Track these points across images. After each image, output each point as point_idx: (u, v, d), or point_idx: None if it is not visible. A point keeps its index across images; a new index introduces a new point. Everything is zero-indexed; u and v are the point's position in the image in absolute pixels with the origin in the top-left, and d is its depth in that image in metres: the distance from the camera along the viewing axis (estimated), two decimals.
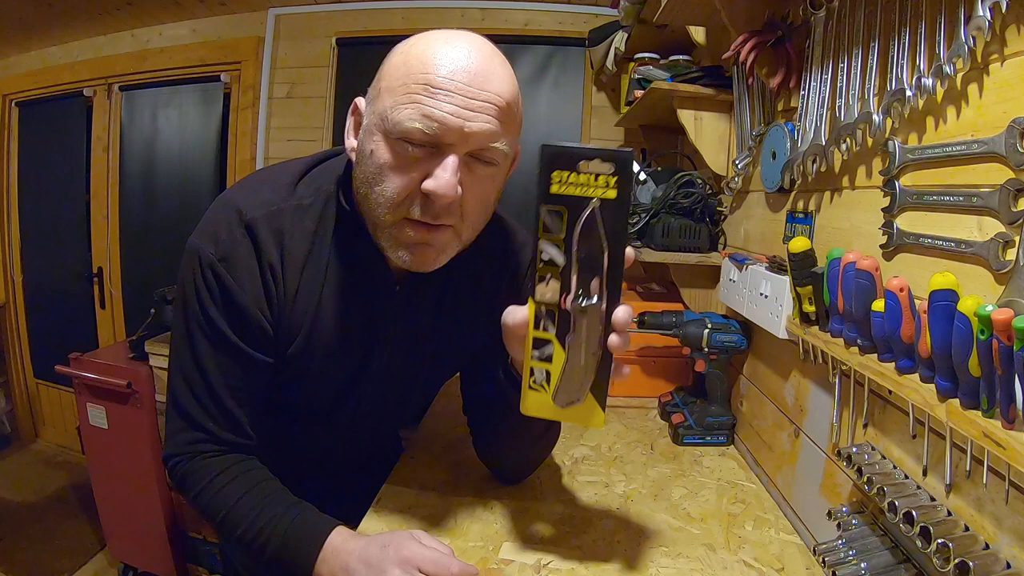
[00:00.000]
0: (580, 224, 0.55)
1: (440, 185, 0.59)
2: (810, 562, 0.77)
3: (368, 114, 0.64)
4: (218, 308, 0.68)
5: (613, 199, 0.54)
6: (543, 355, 0.60)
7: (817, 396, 0.89)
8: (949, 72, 0.60)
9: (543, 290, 0.58)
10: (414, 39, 0.62)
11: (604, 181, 0.54)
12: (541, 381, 0.61)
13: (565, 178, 0.55)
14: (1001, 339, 0.46)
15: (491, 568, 0.73)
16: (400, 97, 0.59)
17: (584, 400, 0.61)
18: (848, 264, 0.68)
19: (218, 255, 0.67)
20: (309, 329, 0.72)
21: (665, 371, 1.41)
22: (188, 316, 0.69)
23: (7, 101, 2.90)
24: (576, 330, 0.58)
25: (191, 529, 1.98)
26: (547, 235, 0.56)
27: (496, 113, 0.60)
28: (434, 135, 0.58)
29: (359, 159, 0.65)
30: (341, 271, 0.72)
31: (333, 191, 0.72)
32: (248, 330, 0.69)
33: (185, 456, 0.71)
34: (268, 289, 0.69)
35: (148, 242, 2.73)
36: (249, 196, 0.69)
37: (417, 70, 0.59)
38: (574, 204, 0.55)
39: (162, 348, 1.87)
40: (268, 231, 0.68)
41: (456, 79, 0.58)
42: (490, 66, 0.60)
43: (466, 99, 0.58)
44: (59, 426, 3.01)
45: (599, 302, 0.57)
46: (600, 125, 2.32)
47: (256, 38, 2.48)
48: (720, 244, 1.31)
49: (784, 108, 1.05)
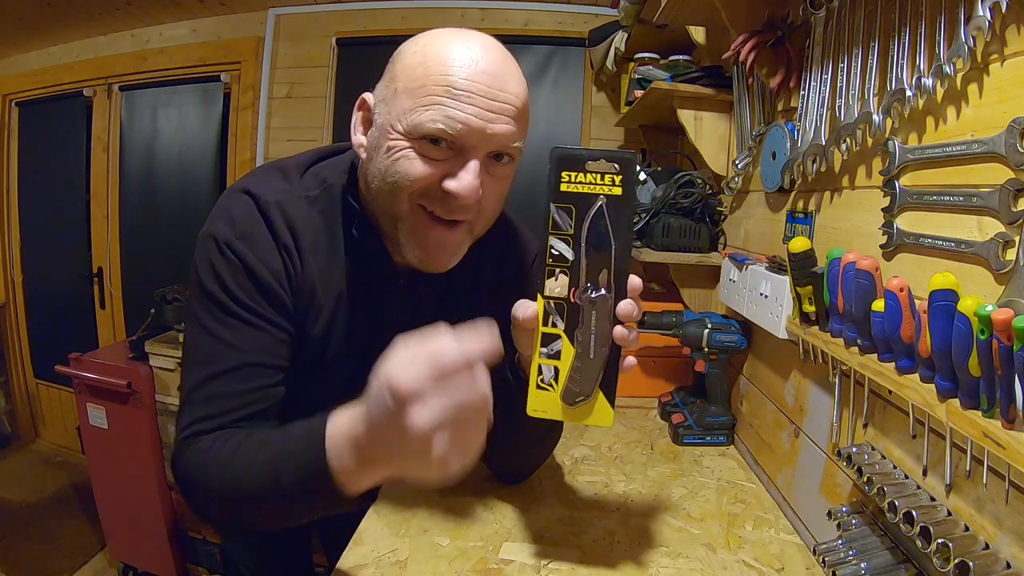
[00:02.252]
0: (588, 219, 0.58)
1: (463, 187, 0.61)
2: (810, 562, 0.77)
3: (383, 113, 0.64)
4: (240, 282, 0.66)
5: (619, 196, 0.58)
6: (551, 351, 0.61)
7: (817, 396, 0.89)
8: (949, 72, 0.60)
9: (552, 285, 0.60)
10: (427, 38, 0.63)
11: (610, 180, 0.58)
12: (549, 380, 0.62)
13: (573, 178, 0.59)
14: (1001, 339, 0.46)
15: (491, 568, 0.73)
16: (421, 99, 0.59)
17: (593, 396, 0.61)
18: (848, 264, 0.68)
19: (236, 233, 0.66)
20: (326, 314, 0.72)
21: (665, 371, 1.41)
22: (206, 299, 0.65)
23: (7, 101, 2.90)
24: (585, 322, 0.60)
25: (191, 529, 1.98)
26: (556, 231, 0.60)
27: (514, 114, 0.62)
28: (457, 137, 0.60)
29: (373, 154, 0.65)
30: (346, 264, 0.73)
31: (338, 186, 0.72)
32: (271, 302, 0.67)
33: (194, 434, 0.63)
34: (287, 268, 0.69)
35: (148, 242, 2.72)
36: (259, 183, 0.70)
37: (436, 72, 0.59)
38: (582, 201, 0.59)
39: (162, 348, 1.88)
40: (280, 215, 0.68)
41: (477, 81, 0.59)
42: (506, 67, 0.62)
43: (487, 101, 0.60)
44: (59, 426, 3.01)
45: (608, 294, 0.59)
46: (600, 125, 2.32)
47: (256, 38, 2.48)
48: (720, 244, 1.31)
49: (784, 108, 1.05)
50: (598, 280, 0.59)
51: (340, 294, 0.73)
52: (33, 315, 3.02)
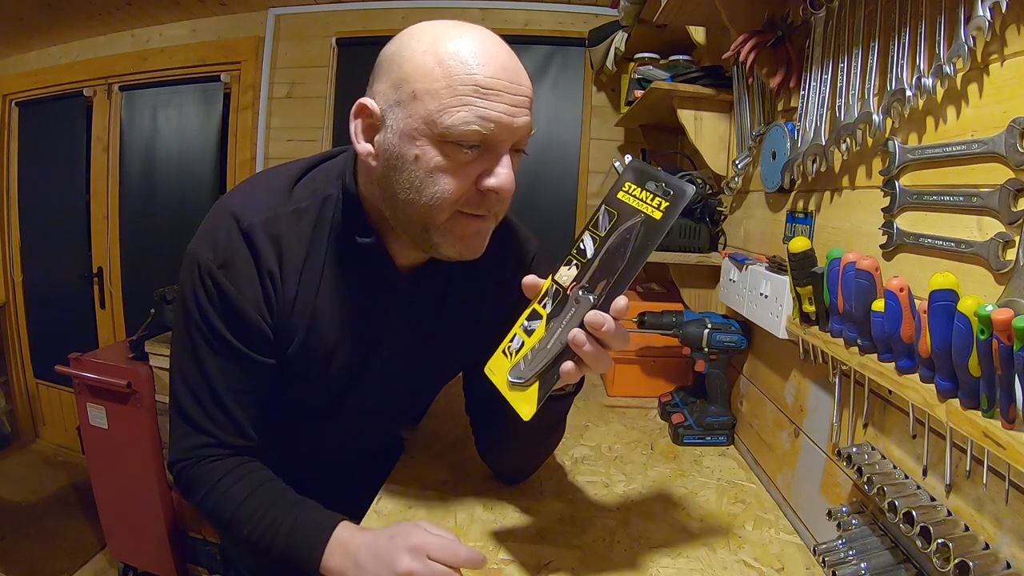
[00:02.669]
0: (621, 230, 0.60)
1: (503, 182, 0.62)
2: (810, 562, 0.77)
3: (400, 118, 0.61)
4: (218, 314, 0.68)
5: (656, 220, 0.59)
6: (529, 327, 0.64)
7: (817, 396, 0.89)
8: (949, 72, 0.60)
9: (563, 272, 0.63)
10: (431, 35, 0.62)
11: (657, 202, 0.59)
12: (513, 349, 0.64)
13: (631, 189, 0.61)
14: (1001, 339, 0.46)
15: (491, 568, 0.73)
16: (448, 100, 0.58)
17: (528, 383, 0.62)
18: (848, 264, 0.68)
19: (217, 262, 0.67)
20: (306, 331, 0.72)
21: (665, 371, 1.41)
22: (189, 321, 0.69)
23: (7, 101, 2.90)
24: (562, 316, 0.61)
25: (191, 529, 1.98)
26: (593, 229, 0.62)
27: (529, 105, 0.63)
28: (491, 135, 0.60)
29: (396, 164, 0.63)
30: (340, 271, 0.72)
31: (331, 192, 0.72)
32: (249, 334, 0.69)
33: (190, 461, 0.71)
34: (267, 294, 0.69)
35: (148, 242, 2.73)
36: (247, 202, 0.69)
37: (459, 71, 0.58)
38: (626, 212, 0.61)
39: (162, 348, 1.87)
40: (266, 237, 0.68)
41: (500, 78, 0.60)
42: (516, 59, 0.63)
43: (511, 96, 0.60)
44: (59, 426, 3.01)
45: (595, 301, 0.60)
46: (600, 125, 2.32)
47: (256, 38, 2.48)
48: (720, 244, 1.31)
49: (784, 108, 1.05)
50: (596, 285, 0.60)
51: (334, 302, 0.73)
52: (33, 315, 3.02)
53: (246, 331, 0.69)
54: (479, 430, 0.91)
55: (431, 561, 0.63)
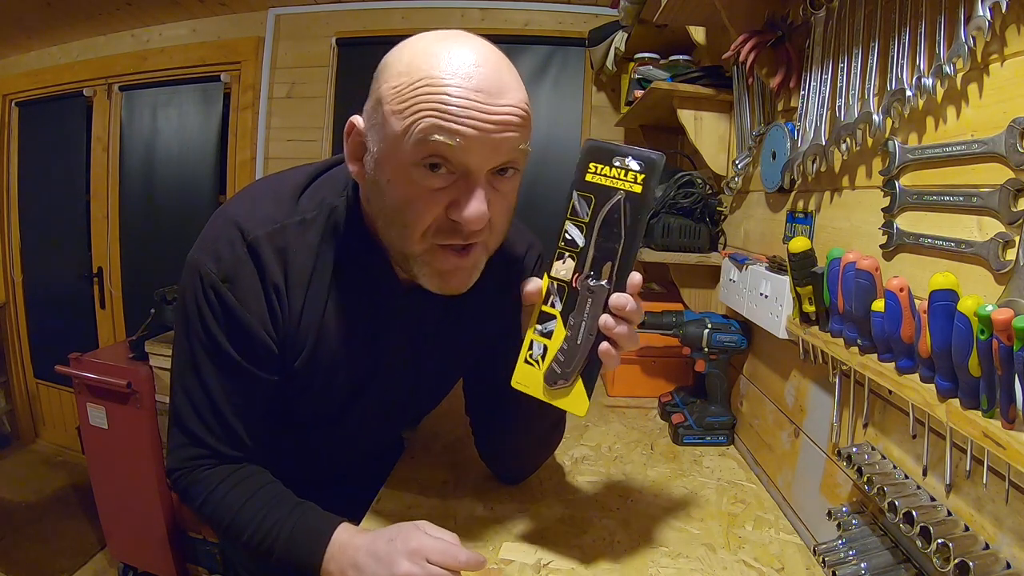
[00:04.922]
0: (605, 211, 0.60)
1: (471, 215, 0.58)
2: (810, 562, 0.77)
3: (375, 141, 0.60)
4: (221, 328, 0.67)
5: (638, 194, 0.59)
6: (545, 330, 0.63)
7: (817, 396, 0.89)
8: (949, 72, 0.60)
9: (559, 267, 0.62)
10: (411, 52, 0.58)
11: (632, 176, 0.59)
12: (537, 356, 0.63)
13: (598, 169, 0.61)
14: (1001, 339, 0.46)
15: (491, 568, 0.73)
16: (410, 119, 0.55)
17: (572, 382, 0.62)
18: (848, 264, 0.68)
19: (220, 275, 0.65)
20: (314, 343, 0.71)
21: (665, 371, 1.41)
22: (190, 333, 0.68)
23: (7, 101, 2.90)
24: (580, 308, 0.61)
25: (191, 529, 1.98)
26: (573, 217, 0.61)
27: (518, 124, 0.58)
28: (460, 152, 0.56)
29: (373, 189, 0.63)
30: (347, 282, 0.72)
31: (337, 203, 0.71)
32: (252, 349, 0.68)
33: (187, 469, 0.71)
34: (272, 309, 0.68)
35: (148, 242, 2.72)
36: (251, 212, 0.68)
37: (424, 92, 0.55)
38: (602, 193, 0.60)
39: (162, 348, 1.87)
40: (271, 250, 0.66)
41: (471, 99, 0.55)
42: (499, 77, 0.57)
43: (485, 116, 0.56)
44: (59, 426, 3.01)
45: (608, 285, 0.60)
46: (600, 125, 2.32)
47: (256, 38, 2.48)
48: (720, 244, 1.31)
49: (784, 108, 1.05)
50: (601, 270, 0.60)
51: (340, 313, 0.72)
52: (33, 315, 3.02)
53: (249, 346, 0.68)
54: (479, 430, 0.91)
55: (430, 565, 0.63)
